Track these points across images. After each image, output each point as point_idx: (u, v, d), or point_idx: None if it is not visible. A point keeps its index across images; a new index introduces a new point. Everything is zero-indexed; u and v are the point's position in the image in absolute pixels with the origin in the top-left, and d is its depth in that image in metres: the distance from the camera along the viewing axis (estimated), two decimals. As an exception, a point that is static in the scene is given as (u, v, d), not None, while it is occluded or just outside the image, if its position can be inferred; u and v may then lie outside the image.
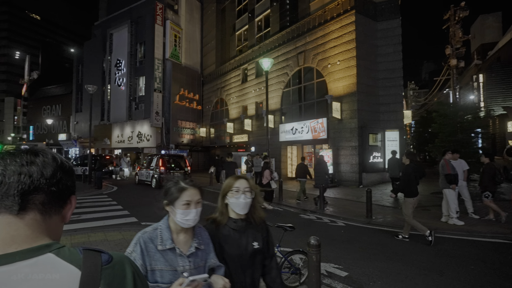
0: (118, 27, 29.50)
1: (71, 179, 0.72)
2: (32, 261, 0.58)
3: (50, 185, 0.66)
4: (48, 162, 0.67)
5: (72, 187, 0.72)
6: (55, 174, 0.67)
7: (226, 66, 25.97)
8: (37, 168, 0.65)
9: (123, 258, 0.70)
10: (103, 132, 29.89)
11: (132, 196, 11.67)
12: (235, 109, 24.20)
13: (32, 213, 0.63)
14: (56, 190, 0.67)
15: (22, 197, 0.62)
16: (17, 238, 0.61)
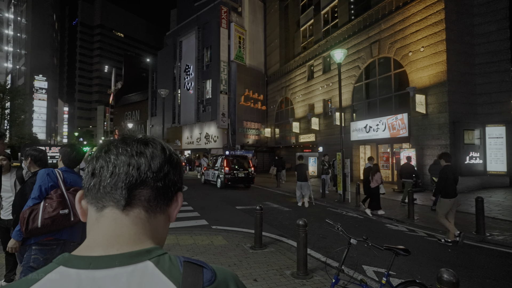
0: (186, 35, 31.18)
1: (179, 173, 0.63)
2: (130, 269, 0.50)
3: (157, 179, 0.58)
4: (156, 154, 0.59)
5: (179, 183, 0.63)
6: (162, 167, 0.59)
7: (290, 64, 25.24)
8: (145, 160, 0.58)
9: (228, 276, 0.58)
10: (174, 134, 31.87)
11: (201, 197, 11.72)
12: (300, 108, 23.30)
13: (138, 210, 0.56)
14: (163, 185, 0.59)
15: (129, 191, 0.55)
16: (120, 237, 0.54)
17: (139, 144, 0.60)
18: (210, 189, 14.45)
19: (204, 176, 16.99)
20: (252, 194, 12.72)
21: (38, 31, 52.72)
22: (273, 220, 7.57)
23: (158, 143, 0.63)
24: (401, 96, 14.30)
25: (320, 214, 8.47)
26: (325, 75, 20.12)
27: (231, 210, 8.84)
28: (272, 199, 11.11)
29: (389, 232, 6.58)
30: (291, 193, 13.04)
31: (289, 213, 8.47)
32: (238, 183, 14.53)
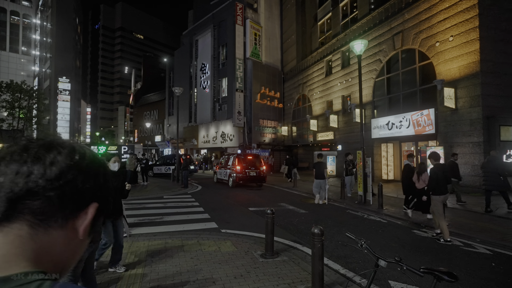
0: (202, 33, 31.08)
1: (94, 181, 0.53)
2: None
3: (52, 188, 0.49)
4: (58, 159, 0.50)
5: (93, 192, 0.53)
6: (63, 174, 0.49)
7: (308, 60, 24.47)
8: (40, 167, 0.49)
9: None
10: (191, 133, 31.86)
11: (213, 197, 11.34)
12: (318, 105, 22.52)
13: (18, 225, 0.47)
14: (60, 195, 0.49)
15: (10, 203, 0.47)
16: None
17: (41, 149, 0.51)
18: (222, 188, 14.08)
19: (217, 175, 16.82)
20: (267, 194, 12.20)
21: (62, 34, 54.50)
22: (287, 223, 7.03)
23: (67, 146, 0.53)
24: (427, 90, 13.31)
25: (339, 217, 7.83)
26: (344, 70, 19.26)
27: (243, 212, 8.36)
28: (287, 200, 10.55)
29: (419, 240, 5.86)
30: (308, 193, 12.41)
31: (305, 216, 7.89)
32: (250, 182, 14.38)
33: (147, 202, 9.75)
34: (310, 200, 10.62)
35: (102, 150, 15.20)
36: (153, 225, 6.67)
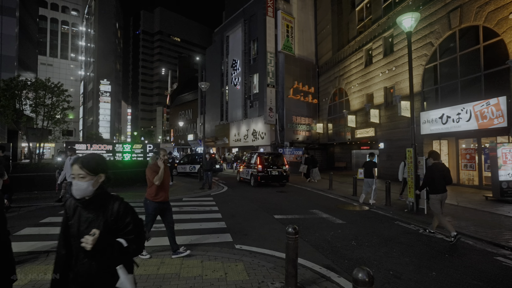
0: (233, 29, 30.26)
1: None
2: None
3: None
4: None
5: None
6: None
7: (345, 51, 22.48)
8: None
9: None
10: (222, 132, 31.22)
11: (236, 201, 10.18)
12: (357, 99, 20.48)
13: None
14: None
15: None
16: None
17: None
18: (247, 190, 12.93)
19: (240, 174, 16.44)
20: (298, 198, 10.77)
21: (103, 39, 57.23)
22: (319, 239, 5.61)
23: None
24: (495, 75, 10.98)
25: (386, 231, 6.22)
26: (387, 59, 17.11)
27: (266, 220, 7.07)
28: (321, 206, 9.06)
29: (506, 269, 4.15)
30: (345, 197, 10.78)
31: (343, 228, 6.39)
32: (271, 181, 14.01)
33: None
34: (348, 206, 9.03)
35: (127, 148, 14.76)
36: (156, 235, 5.64)
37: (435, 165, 5.78)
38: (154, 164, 4.55)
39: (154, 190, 4.48)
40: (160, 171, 4.41)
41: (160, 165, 4.46)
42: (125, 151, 14.77)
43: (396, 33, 16.28)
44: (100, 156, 1.83)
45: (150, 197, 4.52)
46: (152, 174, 4.44)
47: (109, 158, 14.33)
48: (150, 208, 4.56)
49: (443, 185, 5.67)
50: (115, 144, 14.62)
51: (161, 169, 4.43)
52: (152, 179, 4.42)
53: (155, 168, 4.49)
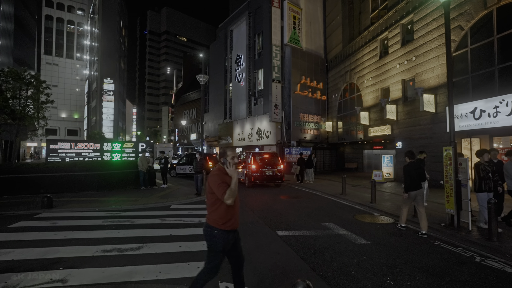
0: (237, 23, 28.80)
1: None
2: None
3: None
4: None
5: None
6: None
7: (356, 43, 20.77)
8: None
9: None
10: (226, 131, 29.77)
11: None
12: (370, 94, 18.75)
13: None
14: None
15: None
16: None
17: None
18: (245, 193, 11.46)
19: None
20: (306, 205, 9.17)
21: (106, 37, 56.43)
22: (339, 272, 4.02)
23: None
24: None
25: (430, 258, 4.60)
26: (405, 48, 15.37)
27: (267, 239, 5.50)
28: (335, 216, 7.45)
29: None
30: (363, 204, 9.15)
31: (369, 253, 4.80)
32: (266, 181, 13.76)
33: (141, 214, 7.37)
34: (368, 217, 7.40)
35: (117, 147, 13.37)
36: (115, 264, 4.14)
37: (410, 164, 6.17)
38: (219, 169, 2.89)
39: (223, 211, 2.78)
40: (233, 182, 2.73)
41: (232, 173, 2.78)
42: (114, 151, 13.39)
43: (416, 19, 14.54)
44: None
45: (218, 223, 2.78)
46: (221, 186, 2.71)
47: (96, 158, 12.97)
48: (220, 243, 2.77)
49: (419, 182, 6.12)
50: (103, 142, 13.28)
51: (233, 179, 2.74)
52: (221, 194, 2.69)
53: (224, 178, 2.79)
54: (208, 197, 2.84)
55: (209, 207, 2.84)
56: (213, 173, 2.82)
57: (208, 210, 2.87)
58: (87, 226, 6.10)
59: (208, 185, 2.83)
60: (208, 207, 2.86)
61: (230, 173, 2.77)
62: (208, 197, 2.84)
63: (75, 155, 12.52)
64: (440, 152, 12.75)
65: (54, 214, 7.22)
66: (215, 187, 2.73)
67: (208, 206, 2.87)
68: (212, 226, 2.79)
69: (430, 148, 13.32)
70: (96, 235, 5.45)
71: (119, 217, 7.00)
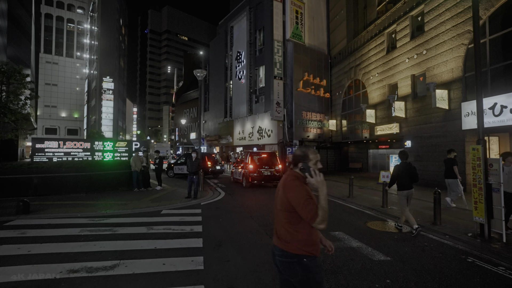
0: (237, 18, 28.02)
1: None
2: None
3: None
4: None
5: None
6: None
7: (362, 37, 19.90)
8: None
9: None
10: (226, 130, 28.96)
11: (230, 215, 7.84)
12: (377, 91, 17.89)
13: None
14: None
15: None
16: None
17: None
18: (244, 195, 10.72)
19: (233, 174, 15.83)
20: (312, 210, 8.34)
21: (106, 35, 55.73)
22: None
23: None
24: None
25: (468, 282, 3.76)
26: (415, 41, 14.49)
27: (269, 254, 4.68)
28: (344, 224, 6.62)
29: None
30: (373, 208, 8.31)
31: (391, 273, 3.96)
32: (263, 181, 13.45)
33: (127, 221, 6.55)
34: (382, 225, 6.56)
35: (109, 146, 12.58)
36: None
37: (402, 164, 6.22)
38: (296, 176, 2.04)
39: (308, 233, 1.98)
40: (322, 198, 1.88)
41: (319, 185, 1.91)
42: (106, 150, 12.59)
43: (427, 10, 13.66)
44: None
45: (306, 250, 1.97)
46: (309, 204, 1.88)
47: (87, 158, 12.17)
48: (317, 274, 1.98)
49: (409, 182, 6.12)
50: (94, 141, 12.48)
51: (322, 192, 1.89)
52: (312, 215, 1.86)
53: (309, 191, 1.97)
54: (283, 215, 2.02)
55: (286, 229, 2.01)
56: (293, 184, 1.98)
57: (280, 232, 2.05)
58: (60, 237, 5.29)
59: (281, 199, 2.02)
60: (283, 229, 2.03)
61: (315, 185, 1.93)
62: (283, 215, 2.02)
63: (63, 154, 11.73)
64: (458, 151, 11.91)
65: (28, 221, 6.42)
66: (299, 204, 1.90)
67: (282, 227, 2.04)
68: (299, 255, 1.96)
69: (442, 147, 12.47)
70: (67, 249, 4.64)
71: (100, 224, 6.19)
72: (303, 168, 1.98)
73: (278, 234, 2.06)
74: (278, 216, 2.07)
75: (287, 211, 1.97)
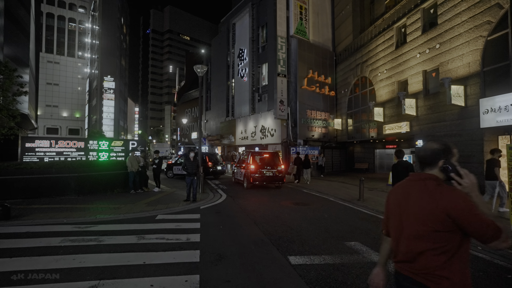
0: (240, 15, 27.34)
1: None
2: None
3: None
4: None
5: None
6: None
7: (369, 32, 19.15)
8: None
9: None
10: (228, 129, 28.28)
11: (229, 220, 7.15)
12: (385, 88, 17.14)
13: None
14: None
15: None
16: None
17: None
18: (246, 197, 10.03)
19: (234, 175, 15.43)
20: (321, 214, 7.62)
21: (106, 34, 55.29)
22: None
23: None
24: None
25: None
26: (427, 35, 13.73)
27: (276, 273, 3.95)
28: (360, 233, 5.89)
29: None
30: (389, 216, 7.55)
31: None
32: (265, 182, 12.91)
33: (116, 229, 5.87)
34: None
35: (104, 145, 11.92)
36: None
37: (399, 163, 6.31)
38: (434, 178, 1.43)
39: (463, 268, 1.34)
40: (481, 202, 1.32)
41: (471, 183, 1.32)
42: (101, 150, 11.93)
43: (441, 1, 12.90)
44: None
45: None
46: (482, 214, 1.28)
47: (80, 158, 11.51)
48: None
49: None
50: (88, 140, 11.83)
51: (480, 197, 1.34)
52: (488, 227, 1.26)
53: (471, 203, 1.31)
54: (431, 237, 1.36)
55: (431, 256, 1.36)
56: (455, 192, 1.34)
57: (420, 262, 1.39)
58: (36, 249, 4.61)
59: (430, 213, 1.36)
60: (425, 258, 1.38)
61: (466, 188, 1.34)
62: (431, 237, 1.36)
63: (55, 154, 11.09)
64: (471, 151, 11.16)
65: (5, 229, 5.75)
66: (472, 217, 1.28)
67: (422, 255, 1.39)
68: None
69: (458, 147, 11.67)
70: (40, 265, 3.95)
71: (86, 233, 5.51)
72: (446, 168, 1.38)
73: (413, 263, 1.41)
74: (413, 235, 1.41)
75: (441, 231, 1.33)
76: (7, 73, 9.14)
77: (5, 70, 9.15)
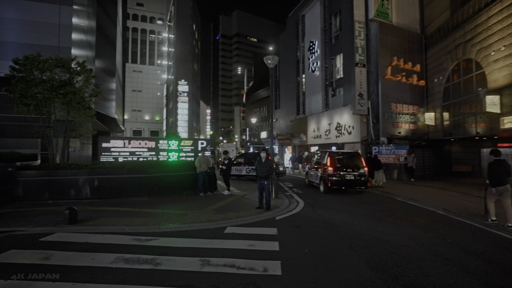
0: (309, 5, 25.53)
1: None
2: None
3: None
4: None
5: None
6: None
7: (475, 3, 15.46)
8: None
9: None
10: (299, 127, 26.66)
11: (317, 240, 5.61)
12: (503, 70, 13.47)
13: None
14: None
15: None
16: None
17: None
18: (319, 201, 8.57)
19: (308, 177, 14.52)
20: (440, 239, 5.54)
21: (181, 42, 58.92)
22: None
23: None
24: None
25: None
26: None
27: None
28: (502, 273, 3.77)
29: None
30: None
31: None
32: (345, 187, 11.43)
33: (177, 246, 4.85)
34: None
35: (173, 145, 11.57)
36: None
37: (497, 161, 6.52)
38: None
39: None
40: None
41: None
42: (171, 149, 11.62)
43: None
44: None
45: None
46: None
47: (151, 157, 11.34)
48: None
49: (505, 179, 6.37)
50: (159, 140, 11.63)
51: None
52: None
53: None
54: None
55: None
56: None
57: None
58: (85, 269, 3.81)
59: None
60: None
61: None
62: None
63: (129, 154, 11.11)
64: None
65: (67, 236, 5.27)
66: None
67: None
68: None
69: None
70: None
71: (144, 249, 4.62)
72: None
73: None
74: None
75: None
76: (85, 73, 9.29)
77: (83, 70, 9.32)
